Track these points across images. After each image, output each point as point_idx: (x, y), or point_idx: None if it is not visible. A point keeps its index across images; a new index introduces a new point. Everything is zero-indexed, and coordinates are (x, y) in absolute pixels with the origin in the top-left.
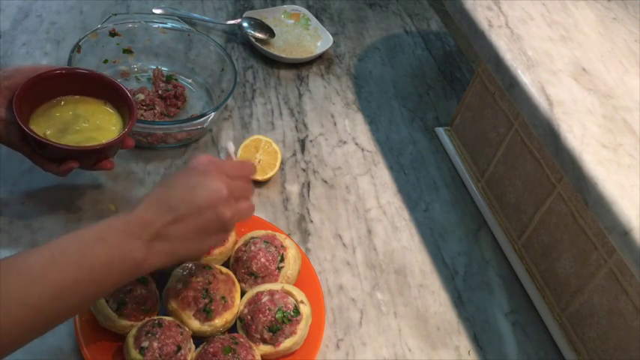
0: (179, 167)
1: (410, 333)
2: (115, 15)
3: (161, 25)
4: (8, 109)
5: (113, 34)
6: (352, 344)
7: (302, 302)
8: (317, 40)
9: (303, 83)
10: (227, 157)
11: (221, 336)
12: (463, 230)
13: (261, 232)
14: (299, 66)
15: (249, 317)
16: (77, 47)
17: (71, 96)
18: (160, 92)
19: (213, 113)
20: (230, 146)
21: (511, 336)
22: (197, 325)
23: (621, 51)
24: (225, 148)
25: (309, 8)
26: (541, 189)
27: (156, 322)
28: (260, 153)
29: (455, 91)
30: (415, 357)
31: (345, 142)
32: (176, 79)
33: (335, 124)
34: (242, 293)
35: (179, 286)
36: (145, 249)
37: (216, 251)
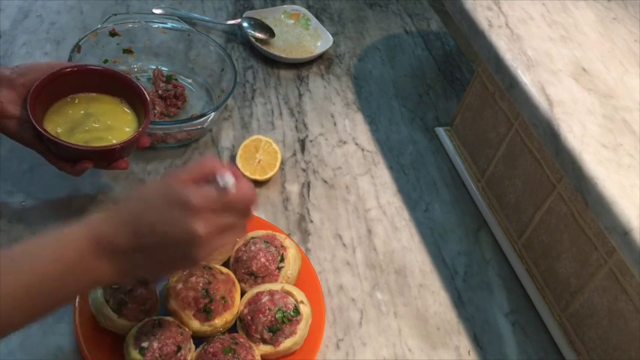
0: (179, 168)
1: (410, 333)
2: (115, 15)
3: (161, 25)
4: (23, 107)
5: (113, 34)
6: (352, 344)
7: (302, 302)
8: (317, 40)
9: (303, 83)
10: (222, 188)
11: (221, 336)
12: (463, 230)
13: (261, 232)
14: (299, 66)
15: (249, 317)
16: (77, 47)
17: (87, 93)
18: (160, 92)
19: (213, 113)
20: (227, 179)
21: (511, 336)
22: (197, 325)
23: (621, 51)
24: (220, 179)
25: (309, 8)
26: (541, 189)
27: (156, 322)
28: (260, 153)
29: (455, 91)
30: (415, 357)
31: (345, 142)
32: (176, 79)
33: (335, 124)
34: (242, 293)
35: (179, 286)
36: (104, 268)
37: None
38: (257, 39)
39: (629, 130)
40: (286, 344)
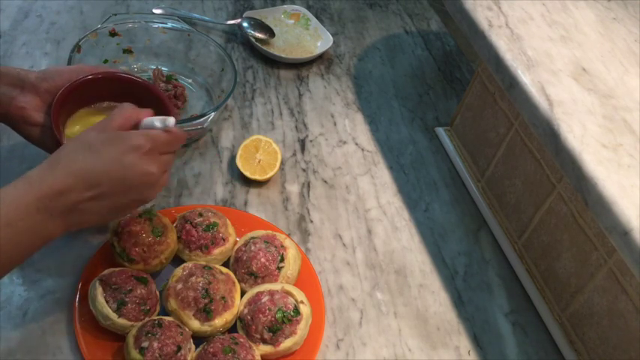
0: (179, 167)
1: (410, 333)
2: (115, 15)
3: (161, 25)
4: (47, 114)
5: (113, 34)
6: (352, 344)
7: (302, 302)
8: (317, 40)
9: (303, 83)
10: (163, 128)
11: (221, 336)
12: (463, 230)
13: (261, 232)
14: (299, 66)
15: (249, 317)
16: (77, 47)
17: (110, 102)
18: None
19: (213, 113)
20: (169, 121)
21: (511, 336)
22: (197, 325)
23: (621, 51)
24: (161, 121)
25: (309, 8)
26: (541, 189)
27: (156, 322)
28: (260, 153)
29: (455, 91)
30: (415, 357)
31: (345, 142)
32: (176, 79)
33: (335, 124)
34: (242, 293)
35: (179, 286)
36: (55, 224)
37: (216, 251)
38: (257, 39)
39: (629, 130)
40: (286, 344)
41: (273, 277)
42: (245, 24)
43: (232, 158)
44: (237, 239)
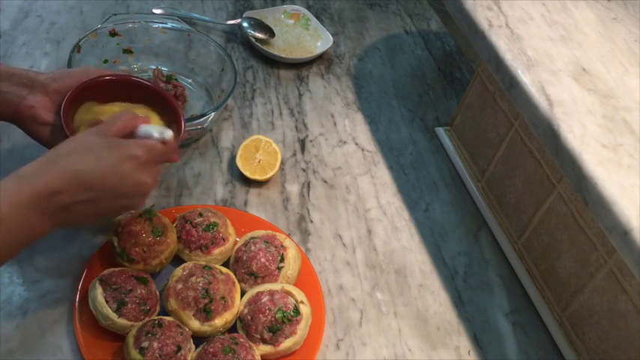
0: (179, 167)
1: (410, 333)
2: (115, 15)
3: (161, 25)
4: (56, 114)
5: (113, 34)
6: (352, 344)
7: (302, 302)
8: (317, 40)
9: (303, 83)
10: (159, 139)
11: (221, 336)
12: (463, 230)
13: (261, 232)
14: (299, 66)
15: (249, 317)
16: (77, 47)
17: (120, 103)
18: None
19: (213, 113)
20: (166, 133)
21: (511, 336)
22: (197, 325)
23: (621, 51)
24: (159, 132)
25: (309, 8)
26: (541, 189)
27: (156, 322)
28: (260, 153)
29: (455, 91)
30: (415, 357)
31: (345, 142)
32: (176, 79)
33: (335, 124)
34: (242, 293)
35: (179, 286)
36: (46, 222)
37: (216, 251)
38: (257, 39)
39: (629, 130)
40: (286, 344)
41: (273, 277)
42: (245, 24)
43: (232, 158)
44: (237, 239)
